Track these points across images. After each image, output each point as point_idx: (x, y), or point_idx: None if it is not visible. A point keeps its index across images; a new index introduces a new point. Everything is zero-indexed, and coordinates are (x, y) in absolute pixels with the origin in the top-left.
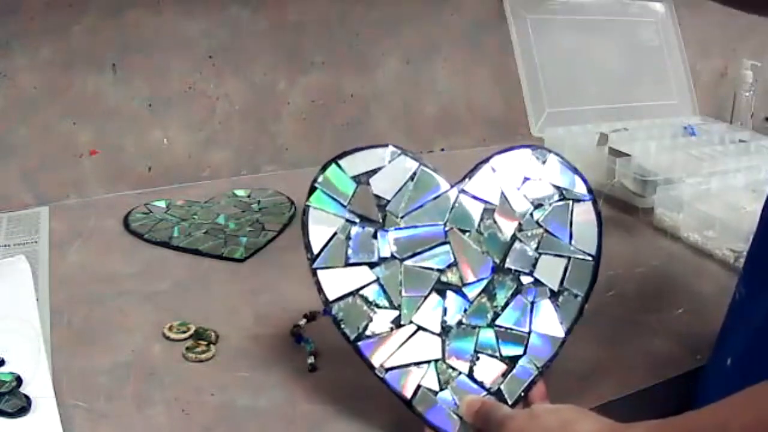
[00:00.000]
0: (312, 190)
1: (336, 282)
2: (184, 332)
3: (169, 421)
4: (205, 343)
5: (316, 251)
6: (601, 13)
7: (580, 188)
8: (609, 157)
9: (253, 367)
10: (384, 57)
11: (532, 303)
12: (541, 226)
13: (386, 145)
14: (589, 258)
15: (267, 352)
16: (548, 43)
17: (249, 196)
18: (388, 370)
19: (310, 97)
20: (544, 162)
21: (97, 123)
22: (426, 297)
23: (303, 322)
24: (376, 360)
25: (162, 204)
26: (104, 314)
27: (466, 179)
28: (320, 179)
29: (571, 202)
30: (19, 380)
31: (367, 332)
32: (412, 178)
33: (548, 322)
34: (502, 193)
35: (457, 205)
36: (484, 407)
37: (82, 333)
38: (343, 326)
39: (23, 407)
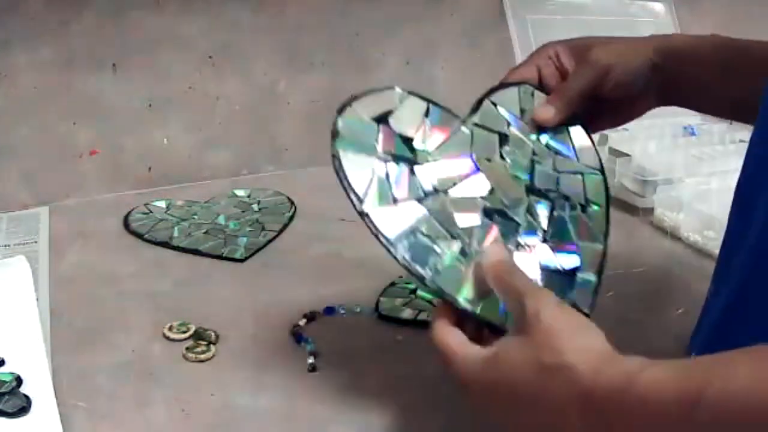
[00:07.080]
0: (335, 134)
1: (390, 221)
2: (184, 332)
3: (169, 421)
4: (205, 343)
5: (361, 193)
6: (601, 13)
7: None
8: (609, 157)
9: (253, 367)
10: (384, 57)
11: (570, 218)
12: (550, 149)
13: (392, 88)
14: (598, 173)
15: (267, 352)
16: None
17: (249, 196)
18: (471, 302)
19: (310, 97)
20: (532, 95)
21: (97, 123)
22: (481, 224)
23: (303, 322)
24: (461, 296)
25: (162, 204)
26: (104, 314)
27: (474, 114)
28: (341, 123)
29: (566, 126)
30: (19, 380)
31: (439, 267)
32: (426, 115)
33: (587, 233)
34: (509, 123)
35: (475, 137)
36: (504, 267)
37: (82, 333)
38: (415, 266)
39: (23, 407)
